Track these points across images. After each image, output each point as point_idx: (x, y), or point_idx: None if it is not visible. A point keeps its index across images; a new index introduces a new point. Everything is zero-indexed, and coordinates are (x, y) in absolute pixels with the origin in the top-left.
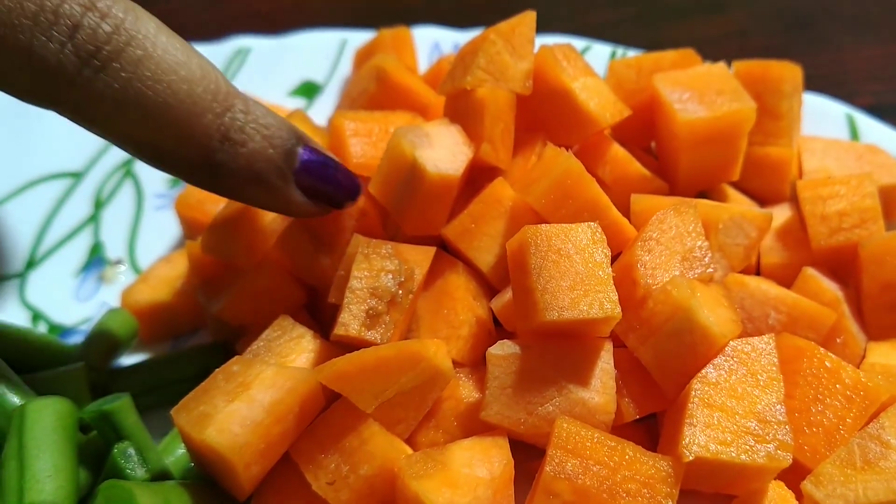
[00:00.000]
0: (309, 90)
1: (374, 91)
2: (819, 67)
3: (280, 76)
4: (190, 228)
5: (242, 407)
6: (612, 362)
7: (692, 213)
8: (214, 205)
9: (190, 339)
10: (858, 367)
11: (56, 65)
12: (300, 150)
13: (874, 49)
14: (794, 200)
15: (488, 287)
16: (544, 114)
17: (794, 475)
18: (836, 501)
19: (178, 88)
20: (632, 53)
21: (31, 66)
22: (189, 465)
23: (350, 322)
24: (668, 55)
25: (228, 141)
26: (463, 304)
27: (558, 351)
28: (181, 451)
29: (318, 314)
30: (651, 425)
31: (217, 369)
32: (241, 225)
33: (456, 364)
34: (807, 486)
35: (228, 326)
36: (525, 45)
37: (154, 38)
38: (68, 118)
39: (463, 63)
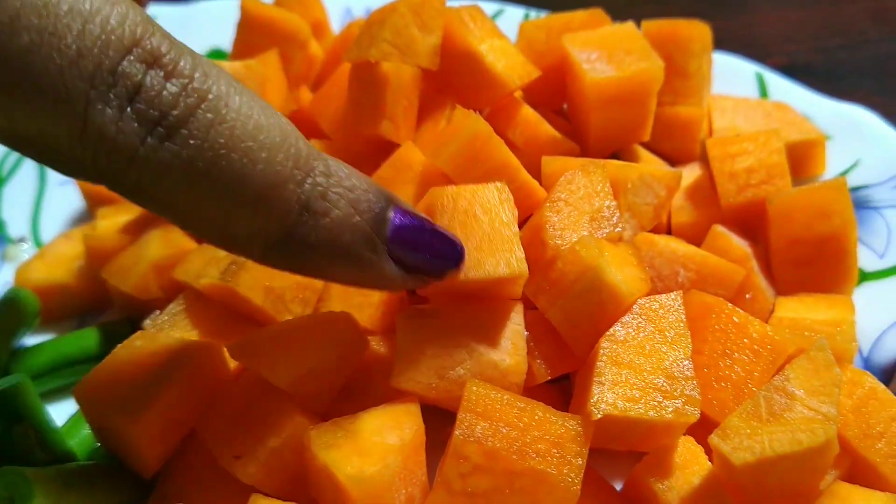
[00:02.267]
0: (217, 57)
1: (240, 35)
2: (735, 30)
3: (187, 44)
4: (93, 202)
5: (144, 382)
6: (522, 323)
7: (600, 174)
8: None
9: (97, 317)
10: (767, 322)
11: (115, 134)
12: (391, 215)
13: (789, 12)
14: (705, 159)
15: None
16: (453, 77)
17: (703, 430)
18: (742, 454)
19: (258, 157)
20: (544, 15)
21: (85, 136)
22: (95, 446)
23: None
24: (578, 15)
25: (308, 212)
26: None
27: (468, 314)
28: (86, 431)
29: None
30: (565, 387)
31: (119, 345)
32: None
33: (368, 332)
34: (714, 439)
35: (135, 303)
36: (435, 19)
37: (227, 97)
38: (126, 197)
39: (370, 32)
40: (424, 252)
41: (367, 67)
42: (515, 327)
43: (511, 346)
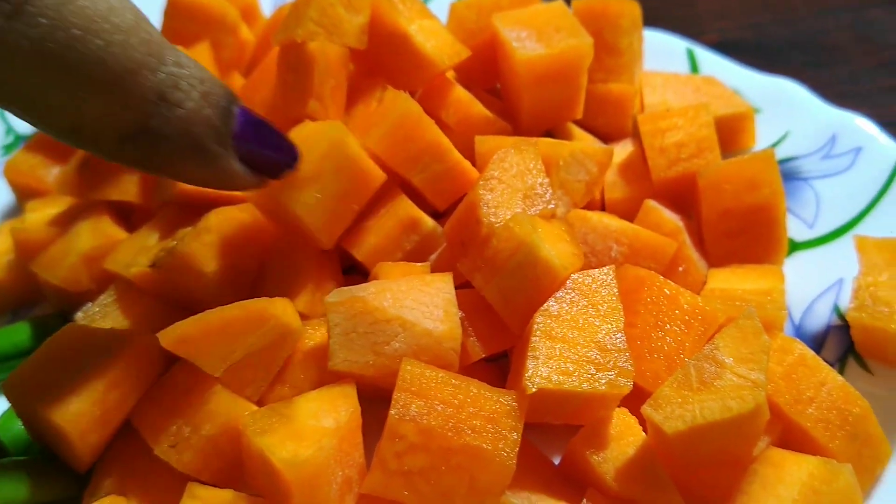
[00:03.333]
0: None
1: (167, 22)
2: (669, 8)
3: None
4: (21, 195)
5: (75, 374)
6: (452, 292)
7: (532, 151)
8: (47, 170)
9: (30, 311)
10: (700, 294)
11: None
12: (236, 110)
13: None
14: (637, 135)
15: None
16: (383, 59)
17: (637, 401)
18: (674, 423)
19: (112, 39)
20: None
21: None
22: (29, 442)
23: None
24: None
25: (163, 101)
26: (306, 255)
27: (396, 288)
28: (19, 426)
29: None
30: (503, 365)
31: (49, 338)
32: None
33: (303, 317)
34: (646, 409)
35: (66, 295)
36: None
37: None
38: None
39: (296, 13)
40: (267, 148)
41: (295, 48)
42: (445, 295)
43: (443, 314)
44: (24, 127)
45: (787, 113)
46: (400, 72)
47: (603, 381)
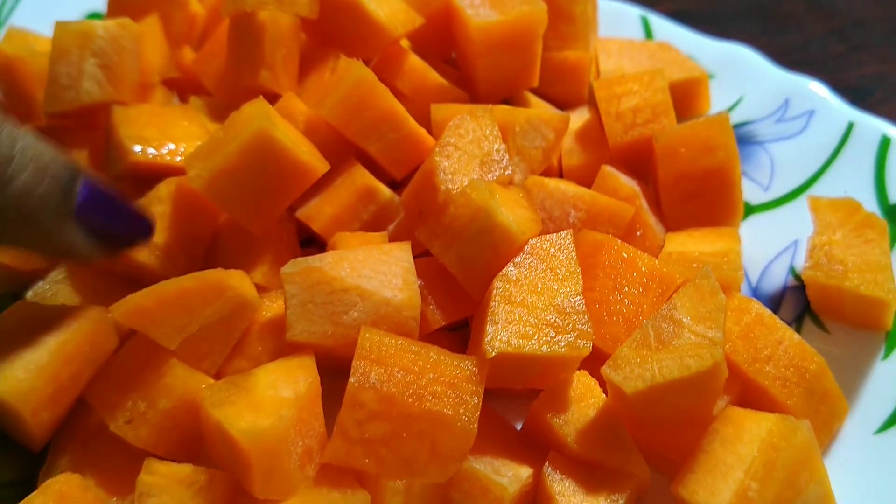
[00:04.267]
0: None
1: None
2: None
3: (63, 8)
4: None
5: (26, 351)
6: (411, 261)
7: (488, 118)
8: None
9: None
10: (657, 258)
11: None
12: (79, 185)
13: None
14: (593, 103)
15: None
16: (336, 28)
17: (597, 364)
18: (633, 382)
19: None
20: None
21: None
22: None
23: None
24: None
25: None
26: None
27: (354, 258)
28: None
29: None
30: (464, 334)
31: None
32: None
33: (261, 289)
34: (605, 370)
35: (16, 275)
36: None
37: None
38: None
39: None
40: (115, 221)
41: (245, 19)
42: (403, 264)
43: (401, 282)
44: None
45: (741, 78)
46: (353, 41)
47: (562, 344)
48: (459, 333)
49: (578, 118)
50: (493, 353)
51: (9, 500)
